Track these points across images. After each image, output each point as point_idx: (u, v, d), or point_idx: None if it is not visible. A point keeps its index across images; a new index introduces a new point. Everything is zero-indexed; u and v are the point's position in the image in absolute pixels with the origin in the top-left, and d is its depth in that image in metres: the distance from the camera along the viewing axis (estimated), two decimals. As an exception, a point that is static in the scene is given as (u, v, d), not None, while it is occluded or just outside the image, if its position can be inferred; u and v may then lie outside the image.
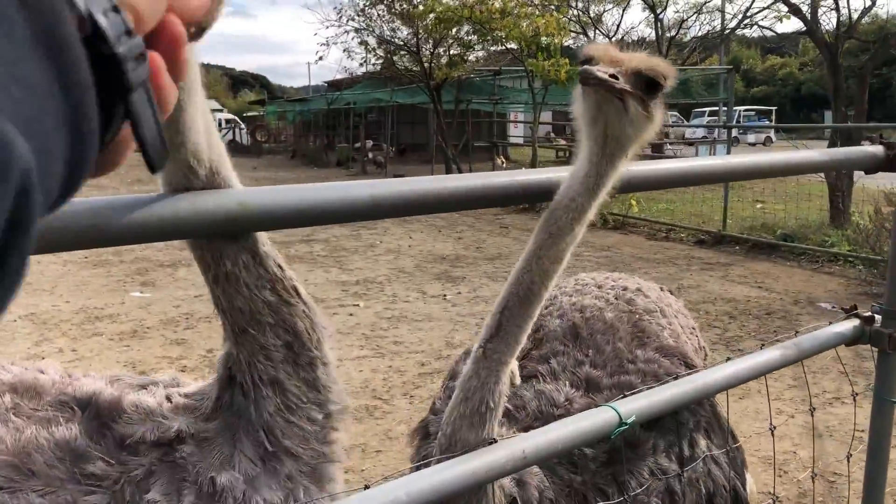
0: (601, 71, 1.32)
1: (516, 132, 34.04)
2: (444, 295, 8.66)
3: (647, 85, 1.40)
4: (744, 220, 12.71)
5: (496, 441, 1.51)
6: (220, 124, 45.61)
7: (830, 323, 2.30)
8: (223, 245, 1.33)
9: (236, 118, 46.90)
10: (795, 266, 10.21)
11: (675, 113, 41.74)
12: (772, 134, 39.93)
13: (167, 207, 1.11)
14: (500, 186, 1.45)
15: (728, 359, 2.03)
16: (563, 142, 31.22)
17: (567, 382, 2.08)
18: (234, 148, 41.79)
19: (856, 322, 2.30)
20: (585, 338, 2.27)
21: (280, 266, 1.41)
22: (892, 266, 2.31)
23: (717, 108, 28.14)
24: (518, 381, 1.66)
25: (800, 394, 5.41)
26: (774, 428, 2.26)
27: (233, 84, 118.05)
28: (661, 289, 3.06)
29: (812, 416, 2.44)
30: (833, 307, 7.96)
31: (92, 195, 1.09)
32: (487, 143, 24.63)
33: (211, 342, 6.68)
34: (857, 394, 2.64)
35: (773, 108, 47.67)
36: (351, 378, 5.85)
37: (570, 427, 1.58)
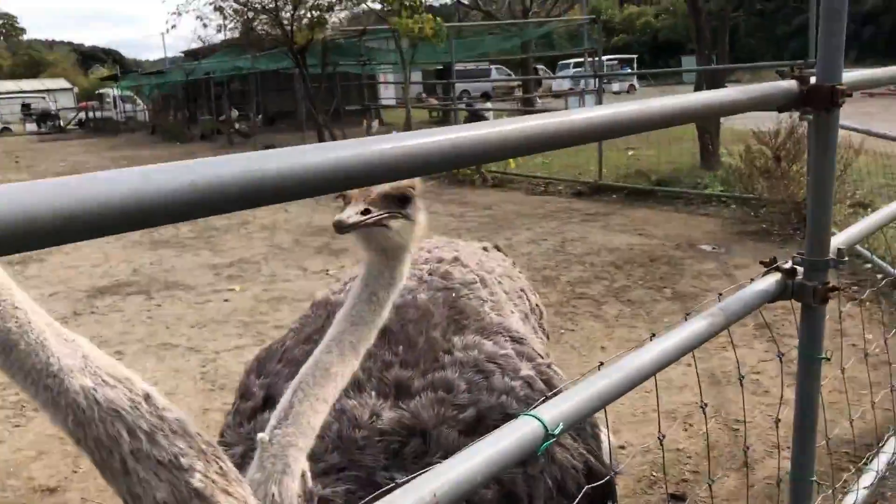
0: (352, 213, 1.43)
1: (388, 94, 33.41)
2: (327, 270, 8.22)
3: (400, 200, 1.55)
4: (618, 168, 12.85)
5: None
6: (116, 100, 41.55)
7: (752, 280, 2.09)
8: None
9: (133, 94, 42.33)
10: (672, 210, 10.38)
11: (542, 66, 42.26)
12: (635, 81, 41.13)
13: None
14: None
15: (653, 335, 1.78)
16: (434, 101, 30.92)
17: (373, 392, 1.79)
18: (93, 128, 39.17)
19: (777, 276, 2.10)
20: (396, 331, 1.95)
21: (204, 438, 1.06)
22: (811, 212, 2.12)
23: (581, 60, 28.54)
24: (310, 483, 1.45)
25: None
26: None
27: (83, 60, 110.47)
28: (486, 249, 2.87)
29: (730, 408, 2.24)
30: (713, 248, 8.09)
31: None
32: (359, 106, 24.03)
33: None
34: (790, 351, 2.47)
35: (634, 56, 49.05)
36: (230, 371, 5.38)
37: (488, 451, 1.26)
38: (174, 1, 18.94)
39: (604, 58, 44.53)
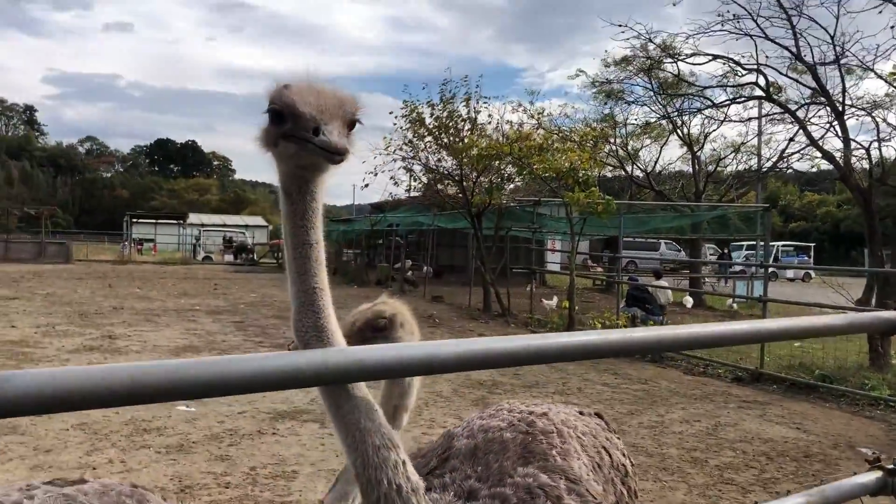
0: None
1: (554, 258, 34.56)
2: (481, 422, 8.74)
3: (375, 328, 2.22)
4: (781, 358, 12.70)
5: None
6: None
7: (854, 473, 2.47)
8: None
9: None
10: (834, 408, 10.14)
11: (713, 245, 42.06)
12: (811, 271, 39.79)
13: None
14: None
15: (755, 503, 2.21)
16: (600, 270, 31.56)
17: (452, 492, 2.38)
18: (280, 265, 42.84)
19: (879, 473, 2.47)
20: (481, 457, 2.57)
21: None
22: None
23: (753, 243, 28.38)
24: None
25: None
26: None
27: (279, 201, 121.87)
28: (581, 413, 3.28)
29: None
30: (874, 453, 7.88)
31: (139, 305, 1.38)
32: (525, 268, 25.07)
33: (254, 460, 6.86)
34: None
35: (812, 244, 47.75)
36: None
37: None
38: (372, 161, 21.08)
39: (779, 244, 43.66)
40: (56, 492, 1.71)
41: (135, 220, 53.48)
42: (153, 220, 60.10)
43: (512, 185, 22.50)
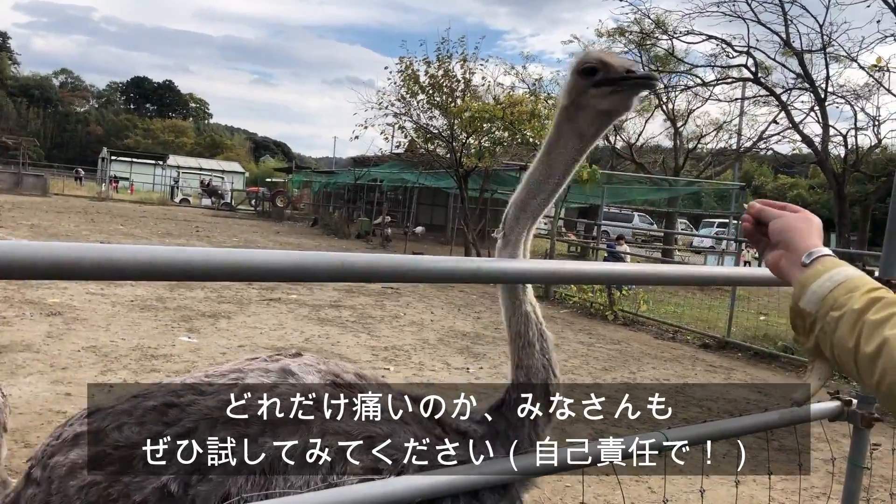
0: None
1: (532, 224, 35.08)
2: (468, 368, 9.33)
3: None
4: (747, 329, 13.44)
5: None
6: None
7: (819, 401, 3.02)
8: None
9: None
10: (794, 376, 10.89)
11: (685, 221, 42.91)
12: (778, 250, 40.69)
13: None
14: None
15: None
16: (573, 237, 32.24)
17: None
18: (259, 212, 43.00)
19: (837, 403, 3.02)
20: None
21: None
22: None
23: (726, 221, 29.21)
24: None
25: (791, 486, 6.05)
26: None
27: (255, 149, 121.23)
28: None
29: None
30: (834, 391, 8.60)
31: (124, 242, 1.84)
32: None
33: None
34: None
35: (781, 225, 48.81)
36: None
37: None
38: (364, 115, 21.40)
39: (749, 222, 44.40)
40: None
41: (113, 157, 52.93)
42: (130, 160, 59.48)
43: (502, 149, 22.93)
